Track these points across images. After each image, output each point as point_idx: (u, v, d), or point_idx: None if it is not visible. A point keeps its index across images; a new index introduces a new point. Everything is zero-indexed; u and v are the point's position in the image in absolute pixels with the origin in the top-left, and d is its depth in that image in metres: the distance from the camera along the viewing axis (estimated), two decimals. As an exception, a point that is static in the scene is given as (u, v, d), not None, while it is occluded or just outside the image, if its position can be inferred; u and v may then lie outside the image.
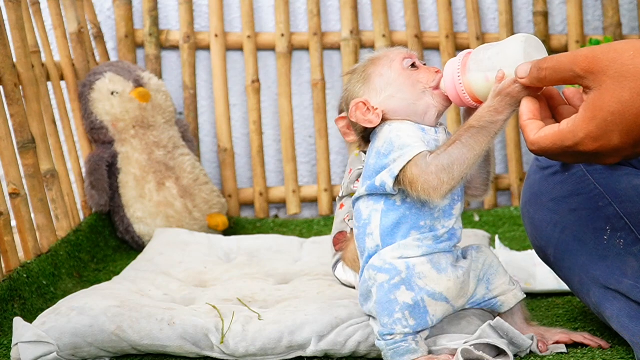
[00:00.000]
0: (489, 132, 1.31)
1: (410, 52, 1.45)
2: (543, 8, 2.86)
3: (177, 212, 2.48)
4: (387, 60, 1.43)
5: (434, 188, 1.32)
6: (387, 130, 1.40)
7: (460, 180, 1.32)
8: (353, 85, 1.45)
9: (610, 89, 1.14)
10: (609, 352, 1.44)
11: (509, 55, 1.31)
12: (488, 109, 1.31)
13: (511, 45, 1.32)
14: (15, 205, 1.94)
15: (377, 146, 1.40)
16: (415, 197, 1.34)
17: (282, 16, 2.78)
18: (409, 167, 1.33)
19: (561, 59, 1.20)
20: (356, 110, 1.42)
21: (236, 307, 1.59)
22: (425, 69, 1.43)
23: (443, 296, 1.38)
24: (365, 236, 1.42)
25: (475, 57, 1.36)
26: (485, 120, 1.31)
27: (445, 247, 1.40)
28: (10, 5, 2.08)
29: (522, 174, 2.85)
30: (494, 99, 1.31)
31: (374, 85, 1.42)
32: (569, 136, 1.18)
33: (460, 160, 1.31)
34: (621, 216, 1.41)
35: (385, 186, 1.36)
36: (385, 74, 1.42)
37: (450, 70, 1.38)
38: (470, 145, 1.31)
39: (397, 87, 1.41)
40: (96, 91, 2.47)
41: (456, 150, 1.31)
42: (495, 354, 1.40)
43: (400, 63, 1.42)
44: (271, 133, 2.86)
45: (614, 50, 1.14)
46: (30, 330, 1.49)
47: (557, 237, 1.52)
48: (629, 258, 1.39)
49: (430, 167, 1.32)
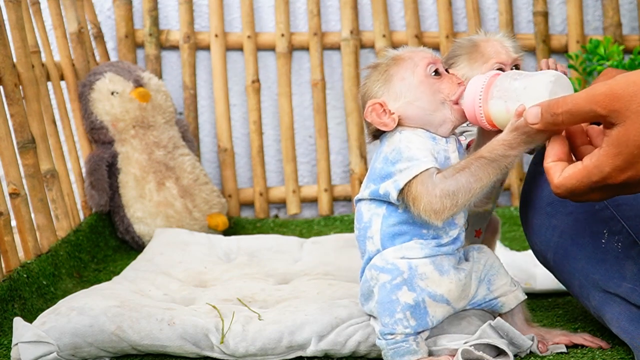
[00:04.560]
0: (499, 165, 1.31)
1: (435, 57, 1.42)
2: (543, 8, 2.86)
3: (177, 212, 2.48)
4: (411, 64, 1.40)
5: (436, 212, 1.32)
6: (397, 138, 1.38)
7: (463, 207, 1.32)
8: (372, 82, 1.42)
9: (636, 123, 1.12)
10: (609, 353, 1.44)
11: (535, 92, 1.29)
12: (502, 143, 1.30)
13: (539, 82, 1.29)
14: (15, 205, 1.94)
15: (386, 151, 1.39)
16: (416, 214, 1.34)
17: (282, 16, 2.78)
18: (415, 183, 1.33)
19: (577, 100, 1.18)
20: (372, 111, 1.40)
21: (236, 307, 1.59)
22: (448, 78, 1.40)
23: (444, 298, 1.38)
24: (365, 239, 1.42)
25: (501, 84, 1.34)
26: (497, 154, 1.30)
27: (448, 250, 1.40)
28: (10, 5, 2.08)
29: (522, 174, 2.85)
30: (509, 133, 1.29)
31: (394, 88, 1.40)
32: (595, 171, 1.17)
33: (466, 189, 1.31)
34: (618, 219, 1.41)
35: (389, 196, 1.36)
36: (407, 78, 1.39)
37: (472, 90, 1.35)
38: (478, 176, 1.30)
39: (417, 95, 1.39)
40: (96, 91, 2.47)
41: (463, 179, 1.30)
42: (495, 354, 1.40)
43: (424, 69, 1.39)
44: (271, 133, 2.86)
45: (632, 83, 1.13)
46: (30, 330, 1.49)
47: (556, 241, 1.51)
48: (627, 261, 1.39)
49: (435, 190, 1.31)
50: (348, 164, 2.87)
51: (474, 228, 1.55)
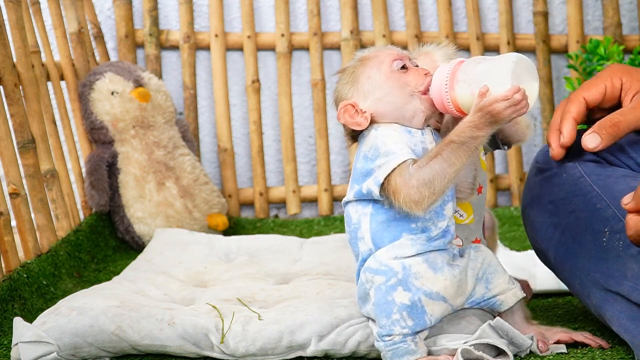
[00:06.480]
0: (469, 147, 1.33)
1: (401, 53, 1.44)
2: (543, 8, 2.85)
3: (177, 212, 2.48)
4: (376, 62, 1.42)
5: (416, 202, 1.34)
6: (373, 135, 1.40)
7: (442, 194, 1.34)
8: (342, 85, 1.45)
9: None
10: (609, 352, 1.44)
11: (497, 73, 1.32)
12: (468, 124, 1.32)
13: (501, 64, 1.33)
14: (15, 205, 1.94)
15: (364, 150, 1.41)
16: (397, 207, 1.35)
17: (282, 16, 2.78)
18: (393, 176, 1.34)
19: None
20: (344, 112, 1.42)
21: (236, 307, 1.59)
22: (414, 71, 1.42)
23: (440, 295, 1.38)
24: (357, 240, 1.42)
25: (465, 68, 1.36)
26: (465, 136, 1.32)
27: (439, 244, 1.40)
28: (10, 5, 2.08)
29: (522, 174, 2.85)
30: (474, 114, 1.32)
31: (362, 87, 1.42)
32: None
33: (441, 175, 1.32)
34: (620, 218, 1.41)
35: (372, 194, 1.37)
36: (373, 76, 1.41)
37: (438, 78, 1.38)
38: (450, 160, 1.33)
39: (385, 91, 1.40)
40: (96, 91, 2.47)
41: (437, 165, 1.32)
42: (495, 354, 1.40)
43: (389, 65, 1.41)
44: (271, 133, 2.86)
45: None
46: (30, 330, 1.49)
47: (557, 239, 1.52)
48: (628, 260, 1.39)
49: (412, 180, 1.33)
50: (348, 164, 2.87)
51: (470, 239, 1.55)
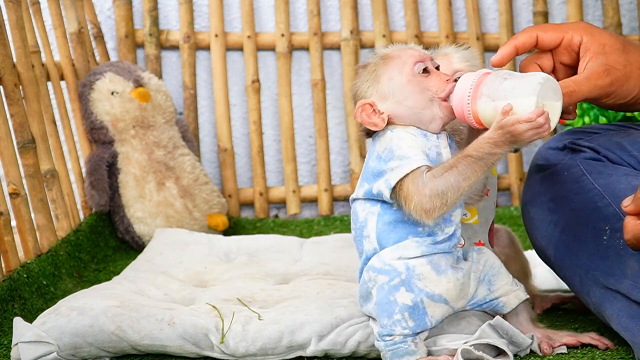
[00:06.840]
0: (485, 163, 1.33)
1: (423, 54, 1.42)
2: (543, 8, 2.85)
3: (177, 212, 2.48)
4: (398, 62, 1.41)
5: (426, 211, 1.33)
6: (388, 137, 1.40)
7: (453, 205, 1.34)
8: (362, 82, 1.44)
9: None
10: (609, 352, 1.44)
11: (523, 92, 1.30)
12: (488, 140, 1.31)
13: (528, 84, 1.30)
14: (15, 205, 1.94)
15: (378, 150, 1.40)
16: (407, 213, 1.35)
17: (282, 16, 2.78)
18: (406, 182, 1.34)
19: None
20: (362, 111, 1.42)
21: (236, 307, 1.59)
22: (436, 75, 1.41)
23: (442, 298, 1.38)
24: (362, 238, 1.42)
25: (490, 83, 1.34)
26: (483, 152, 1.32)
27: (444, 247, 1.40)
28: (10, 5, 2.08)
29: (522, 174, 2.85)
30: (495, 131, 1.31)
31: (382, 88, 1.41)
32: None
33: (455, 187, 1.32)
34: (620, 216, 1.41)
35: (382, 195, 1.37)
36: (394, 77, 1.40)
37: (461, 88, 1.36)
38: (466, 174, 1.32)
39: (405, 94, 1.40)
40: (96, 91, 2.47)
41: (452, 177, 1.32)
42: (495, 354, 1.40)
43: (412, 67, 1.40)
44: (271, 133, 2.86)
45: None
46: (30, 330, 1.49)
47: (557, 237, 1.52)
48: (628, 258, 1.39)
49: (425, 189, 1.33)
50: (348, 164, 2.87)
51: (473, 240, 1.55)
